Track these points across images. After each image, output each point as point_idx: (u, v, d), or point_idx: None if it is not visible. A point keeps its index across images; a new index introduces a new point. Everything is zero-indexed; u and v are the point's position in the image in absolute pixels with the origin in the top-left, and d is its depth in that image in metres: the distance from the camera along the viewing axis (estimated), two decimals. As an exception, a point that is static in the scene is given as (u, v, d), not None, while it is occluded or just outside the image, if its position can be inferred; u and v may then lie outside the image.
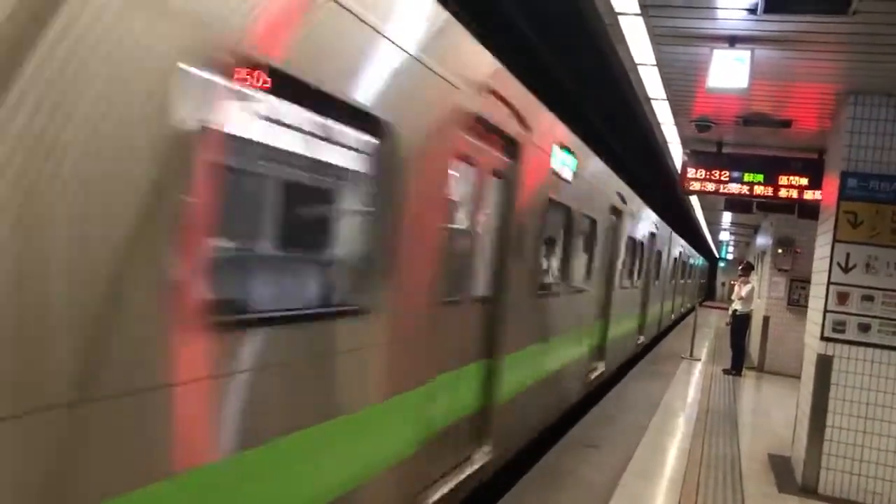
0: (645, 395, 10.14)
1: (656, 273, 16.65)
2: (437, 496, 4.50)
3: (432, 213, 4.11)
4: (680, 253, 23.78)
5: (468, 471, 5.04)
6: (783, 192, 8.83)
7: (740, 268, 14.33)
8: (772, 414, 9.93)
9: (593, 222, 8.96)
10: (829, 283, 6.39)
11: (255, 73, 2.57)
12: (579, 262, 8.46)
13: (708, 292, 49.79)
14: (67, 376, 1.93)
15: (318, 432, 3.12)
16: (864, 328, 6.29)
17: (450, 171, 4.31)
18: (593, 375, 9.83)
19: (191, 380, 2.37)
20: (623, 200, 10.99)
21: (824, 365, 6.38)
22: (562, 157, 6.94)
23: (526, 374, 6.37)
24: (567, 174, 7.21)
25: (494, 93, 4.94)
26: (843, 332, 6.35)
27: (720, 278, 53.14)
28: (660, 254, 17.13)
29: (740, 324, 13.35)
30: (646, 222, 14.07)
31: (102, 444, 2.06)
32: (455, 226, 4.65)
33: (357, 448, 3.52)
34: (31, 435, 1.85)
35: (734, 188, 9.04)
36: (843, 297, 6.36)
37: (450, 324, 4.56)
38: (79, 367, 1.97)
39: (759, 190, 8.94)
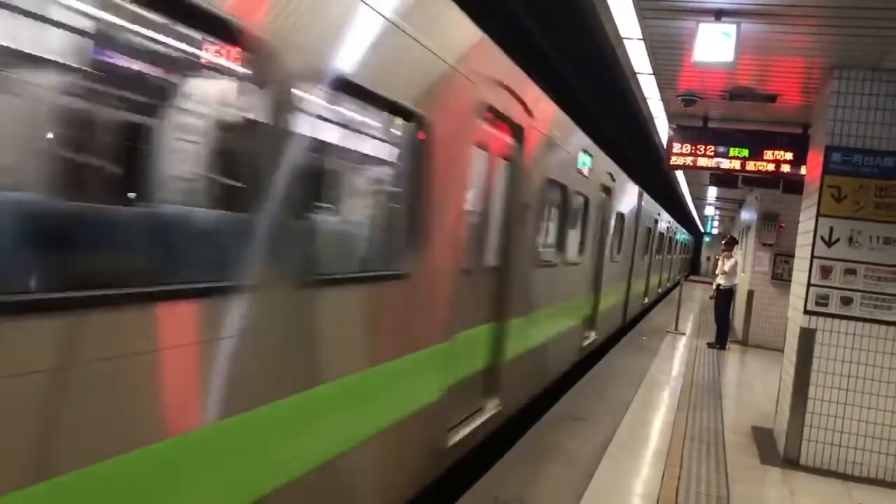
0: (630, 369, 10.21)
1: (644, 248, 17.02)
2: (457, 438, 5.15)
3: (456, 193, 4.73)
4: (667, 228, 24.35)
5: (479, 420, 5.64)
6: (768, 167, 8.86)
7: (724, 242, 14.38)
8: (755, 387, 10.03)
9: (587, 200, 9.41)
10: (812, 256, 6.43)
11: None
12: (574, 236, 9.01)
13: (693, 267, 50.01)
14: None
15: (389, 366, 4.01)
16: (847, 301, 6.35)
17: (468, 156, 4.91)
18: (586, 343, 10.37)
19: None
20: (612, 178, 11.36)
21: (807, 338, 6.44)
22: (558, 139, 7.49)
23: (529, 336, 6.97)
24: (564, 156, 7.84)
25: (505, 86, 5.55)
26: (825, 305, 6.41)
27: (705, 253, 53.37)
28: (648, 230, 17.58)
29: (724, 298, 13.44)
30: (633, 199, 14.40)
31: None
32: (471, 203, 5.18)
33: (404, 386, 4.26)
34: None
35: (720, 163, 9.05)
36: (826, 271, 6.41)
37: (467, 289, 5.15)
38: None
39: (744, 164, 8.97)
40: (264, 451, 2.92)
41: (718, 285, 13.56)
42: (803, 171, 8.47)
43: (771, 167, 8.82)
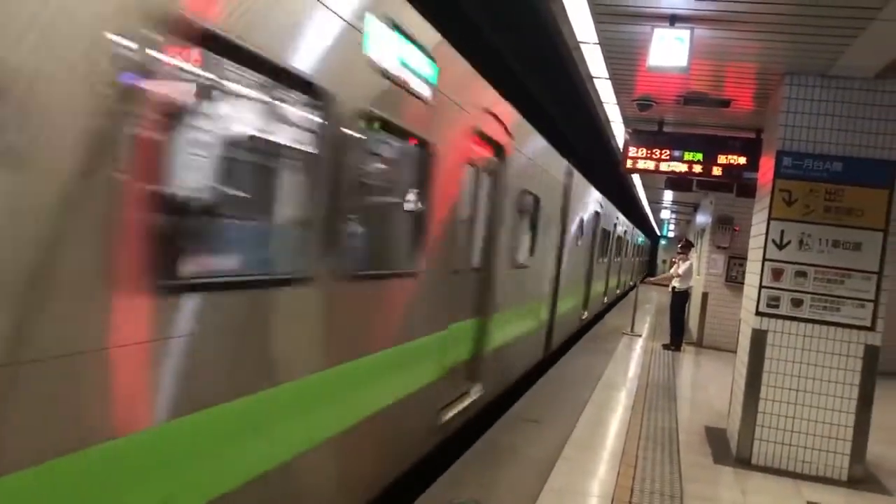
0: (586, 371, 10.29)
1: (602, 251, 17.57)
2: (449, 415, 6.05)
3: (449, 203, 5.58)
4: (624, 232, 25.18)
5: (466, 402, 6.56)
6: (722, 171, 8.99)
7: (679, 245, 14.57)
8: (709, 388, 10.18)
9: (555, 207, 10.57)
10: (764, 259, 6.54)
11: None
12: (543, 240, 9.81)
13: (649, 269, 50.56)
14: None
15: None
16: (797, 303, 6.47)
17: (459, 171, 5.81)
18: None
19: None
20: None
21: (759, 339, 6.55)
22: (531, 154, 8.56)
23: (505, 331, 7.94)
24: (534, 169, 8.82)
25: (491, 113, 6.53)
26: (777, 307, 6.52)
27: (661, 255, 54.01)
28: (606, 232, 18.19)
29: (679, 300, 13.60)
30: (594, 206, 15.05)
31: None
32: (460, 212, 6.02)
33: (412, 366, 5.16)
34: None
35: (675, 166, 9.17)
36: (777, 274, 6.52)
37: (456, 287, 6.00)
38: None
39: (698, 168, 9.08)
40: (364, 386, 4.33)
41: (674, 287, 13.71)
42: (756, 175, 8.64)
43: (724, 171, 8.96)
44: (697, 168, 9.08)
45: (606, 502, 5.26)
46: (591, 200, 14.56)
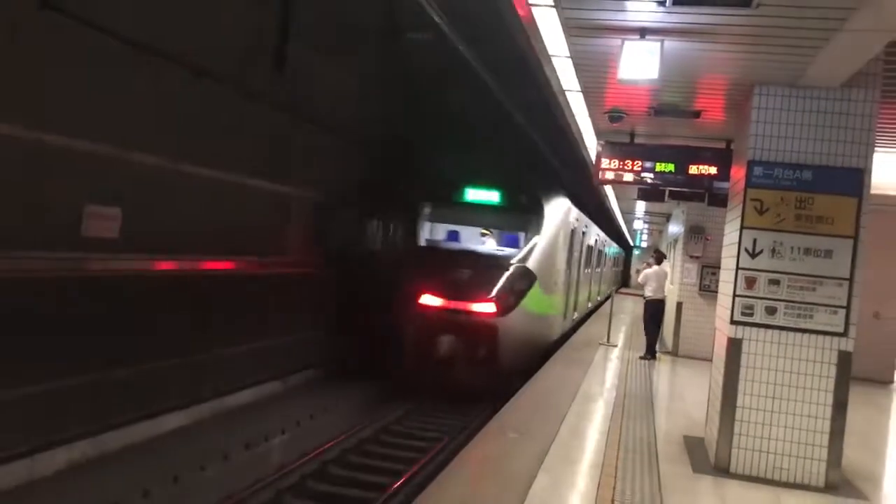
0: (565, 382, 10.30)
1: (587, 263, 19.72)
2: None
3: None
4: (604, 246, 25.99)
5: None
6: (694, 181, 9.08)
7: (653, 255, 14.68)
8: (686, 397, 10.23)
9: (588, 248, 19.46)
10: (737, 268, 6.60)
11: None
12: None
13: (623, 280, 50.55)
14: None
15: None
16: (771, 311, 6.53)
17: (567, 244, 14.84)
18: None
19: None
20: (585, 227, 18.05)
21: (734, 348, 6.59)
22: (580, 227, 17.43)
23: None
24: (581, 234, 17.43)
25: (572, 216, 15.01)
26: (751, 315, 6.57)
27: (634, 265, 54.27)
28: (591, 249, 20.04)
29: (650, 309, 13.65)
30: (591, 232, 19.80)
31: None
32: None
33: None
34: None
35: (647, 177, 9.24)
36: (750, 282, 6.58)
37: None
38: None
39: (670, 179, 9.17)
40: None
41: (645, 297, 13.74)
42: (727, 184, 8.72)
43: (696, 181, 9.04)
44: (669, 178, 9.16)
45: (588, 515, 5.25)
46: (586, 228, 17.90)
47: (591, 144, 10.58)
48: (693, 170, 8.98)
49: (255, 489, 7.69)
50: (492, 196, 13.19)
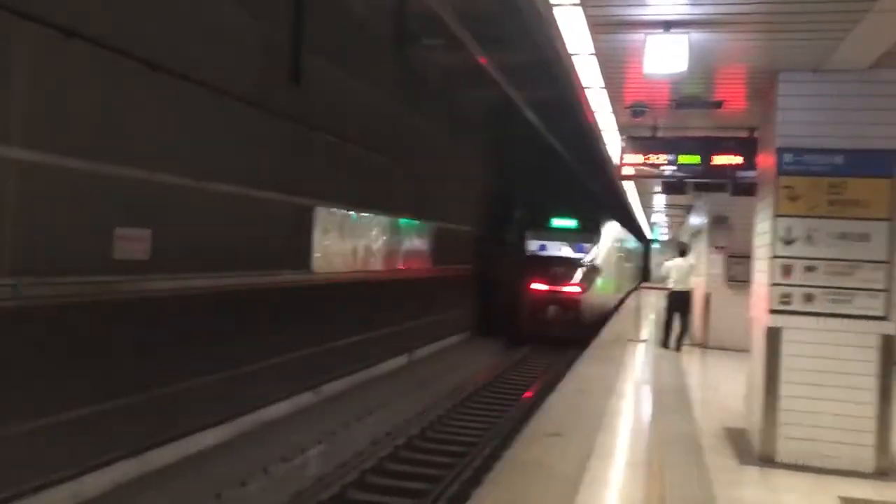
0: (599, 380, 10.27)
1: (625, 259, 31.98)
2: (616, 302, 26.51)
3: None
4: (631, 245, 35.85)
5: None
6: (718, 172, 9.04)
7: (678, 249, 14.74)
8: (721, 388, 10.16)
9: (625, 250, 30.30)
10: (773, 256, 6.55)
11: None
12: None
13: (644, 274, 50.35)
14: None
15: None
16: (809, 298, 6.47)
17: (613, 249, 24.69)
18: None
19: None
20: (623, 236, 28.95)
21: (774, 337, 6.54)
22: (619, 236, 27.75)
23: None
24: (620, 241, 27.83)
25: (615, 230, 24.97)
26: (789, 303, 6.52)
27: (654, 259, 54.00)
28: (625, 250, 31.49)
29: (670, 301, 13.93)
30: (626, 238, 31.05)
31: None
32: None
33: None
34: None
35: (670, 170, 9.21)
36: (787, 270, 6.53)
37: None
38: None
39: (694, 171, 9.13)
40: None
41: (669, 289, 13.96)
42: (753, 173, 8.68)
43: (720, 172, 9.00)
44: (693, 170, 9.13)
45: (639, 512, 5.23)
46: (623, 237, 29.51)
47: (612, 140, 10.55)
48: (717, 160, 8.93)
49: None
50: (570, 223, 21.60)
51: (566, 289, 20.02)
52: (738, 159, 8.85)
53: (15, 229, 6.16)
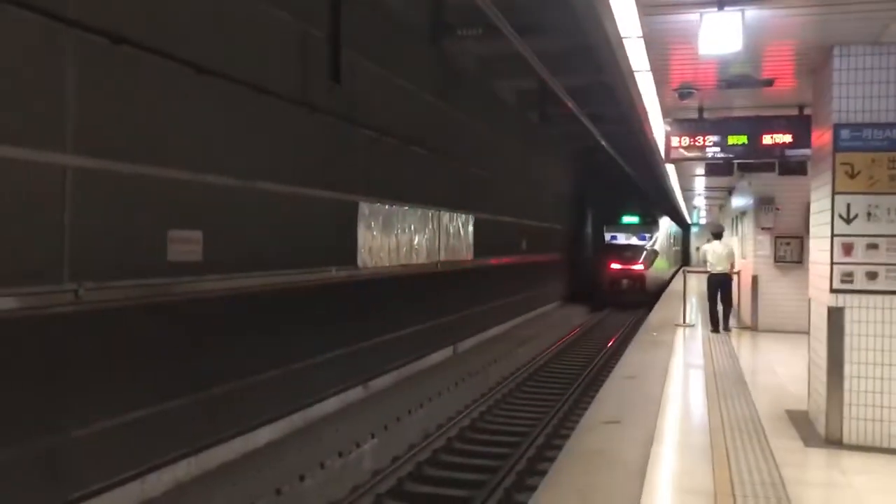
0: (651, 365, 10.19)
1: (673, 244, 40.85)
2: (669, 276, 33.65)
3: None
4: (676, 232, 43.71)
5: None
6: (767, 152, 8.91)
7: (711, 233, 14.65)
8: (777, 371, 10.01)
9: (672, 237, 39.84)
10: (832, 235, 6.43)
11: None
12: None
13: (684, 258, 50.62)
14: None
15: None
16: (872, 276, 6.35)
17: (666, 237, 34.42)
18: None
19: None
20: (671, 226, 38.23)
21: (837, 317, 6.43)
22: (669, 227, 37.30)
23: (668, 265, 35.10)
24: (669, 230, 37.02)
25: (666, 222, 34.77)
26: (851, 282, 6.40)
27: (694, 243, 53.52)
28: (672, 236, 39.77)
29: (709, 284, 13.97)
30: (673, 227, 39.15)
31: None
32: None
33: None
34: None
35: (718, 152, 9.10)
36: (847, 248, 6.41)
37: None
38: None
39: (742, 151, 9.02)
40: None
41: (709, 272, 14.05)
42: (803, 151, 8.54)
43: (770, 151, 8.87)
44: (741, 151, 9.01)
45: (709, 498, 5.17)
46: (671, 227, 37.50)
47: (656, 124, 10.44)
48: (767, 140, 8.82)
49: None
50: (634, 219, 30.79)
51: (634, 267, 28.38)
52: (788, 138, 8.73)
53: (73, 234, 6.26)
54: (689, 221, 47.43)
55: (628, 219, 30.78)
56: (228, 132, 8.25)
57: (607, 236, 30.72)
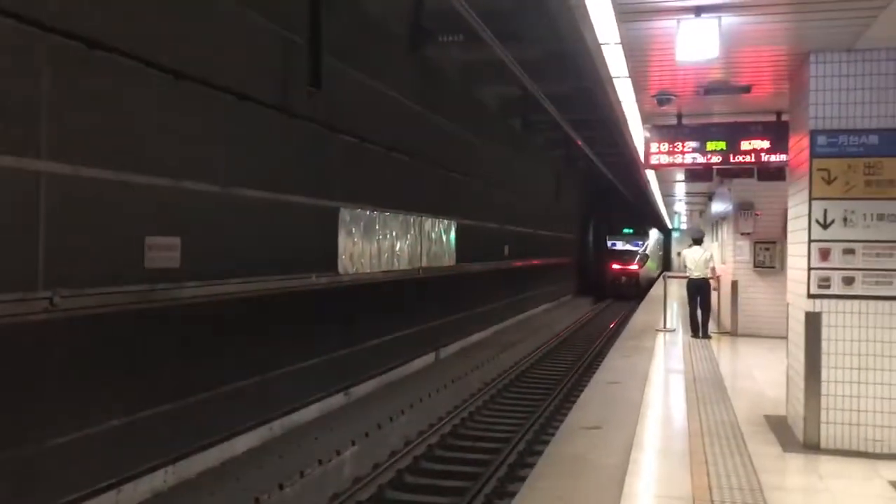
0: (631, 371, 10.22)
1: (659, 249, 48.80)
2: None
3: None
4: (660, 239, 49.80)
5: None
6: (746, 157, 8.94)
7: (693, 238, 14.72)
8: (756, 376, 10.06)
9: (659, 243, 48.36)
10: (809, 240, 6.47)
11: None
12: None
13: (665, 263, 52.16)
14: None
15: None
16: (849, 281, 6.39)
17: (654, 243, 45.41)
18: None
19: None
20: (658, 234, 46.78)
21: (814, 322, 6.46)
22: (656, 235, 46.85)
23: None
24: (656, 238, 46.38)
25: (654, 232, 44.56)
26: (828, 287, 6.44)
27: (675, 248, 53.96)
28: (658, 242, 47.27)
29: (688, 289, 14.00)
30: (658, 235, 47.08)
31: None
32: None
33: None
34: None
35: (697, 158, 9.13)
36: (824, 254, 6.45)
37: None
38: None
39: (721, 157, 9.05)
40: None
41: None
42: (782, 157, 8.59)
43: (749, 157, 8.91)
44: (720, 157, 9.05)
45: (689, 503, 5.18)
46: (658, 235, 46.16)
47: (635, 131, 10.48)
48: (745, 145, 8.85)
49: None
50: (630, 230, 39.83)
51: (631, 267, 37.23)
52: (766, 143, 8.77)
53: (47, 241, 6.19)
54: (670, 227, 48.10)
55: (626, 229, 40.06)
56: (207, 138, 8.20)
57: (610, 243, 39.45)
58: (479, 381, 14.16)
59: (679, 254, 53.96)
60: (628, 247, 38.69)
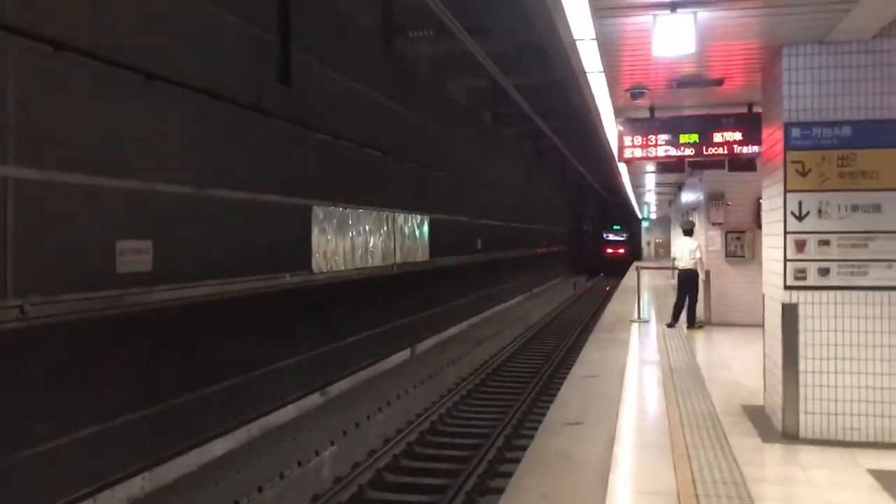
0: (608, 363, 10.25)
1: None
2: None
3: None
4: (636, 229, 57.99)
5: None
6: (718, 149, 9.01)
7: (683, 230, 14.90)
8: (731, 365, 10.14)
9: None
10: (785, 232, 6.52)
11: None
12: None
13: (636, 252, 55.06)
14: None
15: None
16: (824, 272, 6.45)
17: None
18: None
19: None
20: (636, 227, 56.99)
21: (791, 313, 6.52)
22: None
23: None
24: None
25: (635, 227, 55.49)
26: (804, 278, 6.50)
27: (645, 238, 54.64)
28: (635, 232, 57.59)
29: (678, 280, 13.97)
30: (636, 229, 56.88)
31: None
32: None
33: None
34: None
35: (670, 151, 9.18)
36: (800, 245, 6.50)
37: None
38: None
39: (694, 150, 9.11)
40: None
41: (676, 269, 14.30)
42: (754, 149, 8.66)
43: (722, 149, 8.97)
44: (693, 149, 9.10)
45: (673, 499, 5.20)
46: (635, 227, 56.79)
47: (608, 124, 10.50)
48: (718, 137, 8.93)
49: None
50: (617, 226, 57.62)
51: (620, 251, 54.51)
52: (738, 135, 8.87)
53: (15, 248, 6.06)
54: (639, 216, 48.89)
55: (615, 225, 57.04)
56: (179, 139, 8.07)
57: (603, 235, 57.21)
58: (455, 375, 14.15)
59: (649, 243, 56.35)
60: (617, 238, 56.96)
